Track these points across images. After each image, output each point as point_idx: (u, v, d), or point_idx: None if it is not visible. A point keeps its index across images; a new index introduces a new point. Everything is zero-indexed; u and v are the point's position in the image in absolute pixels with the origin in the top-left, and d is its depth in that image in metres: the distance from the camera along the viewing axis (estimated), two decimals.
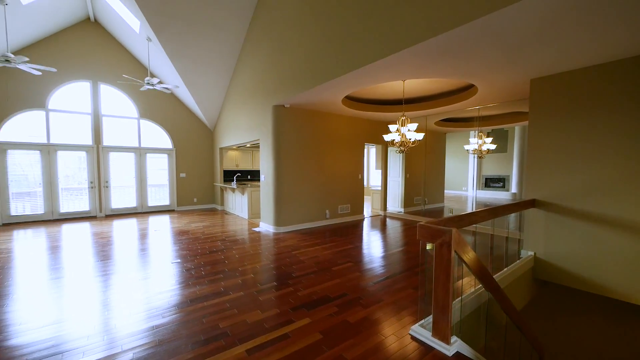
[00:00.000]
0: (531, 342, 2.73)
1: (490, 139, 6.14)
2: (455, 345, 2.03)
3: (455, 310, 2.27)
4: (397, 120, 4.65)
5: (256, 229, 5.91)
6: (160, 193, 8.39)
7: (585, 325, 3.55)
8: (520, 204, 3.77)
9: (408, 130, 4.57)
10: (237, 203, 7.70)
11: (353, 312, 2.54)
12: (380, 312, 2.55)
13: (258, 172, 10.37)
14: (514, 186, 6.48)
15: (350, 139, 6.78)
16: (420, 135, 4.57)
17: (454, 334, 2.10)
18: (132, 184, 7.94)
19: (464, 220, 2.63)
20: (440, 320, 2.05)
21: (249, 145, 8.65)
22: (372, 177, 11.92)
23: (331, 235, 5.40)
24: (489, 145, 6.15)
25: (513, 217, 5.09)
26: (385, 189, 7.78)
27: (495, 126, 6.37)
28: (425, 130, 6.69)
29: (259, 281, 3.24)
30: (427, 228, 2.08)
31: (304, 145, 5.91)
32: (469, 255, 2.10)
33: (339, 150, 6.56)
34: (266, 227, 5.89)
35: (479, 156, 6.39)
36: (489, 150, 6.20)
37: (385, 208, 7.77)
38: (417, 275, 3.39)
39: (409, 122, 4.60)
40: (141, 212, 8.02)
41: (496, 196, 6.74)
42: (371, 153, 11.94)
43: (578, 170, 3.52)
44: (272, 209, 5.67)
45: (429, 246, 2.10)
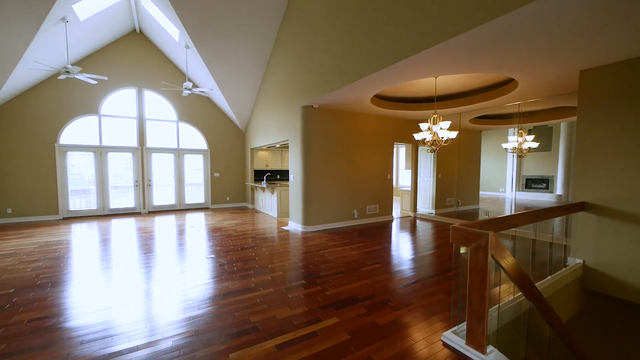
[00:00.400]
0: (578, 358, 2.50)
1: (531, 137, 5.71)
2: (492, 356, 1.92)
3: (491, 318, 2.15)
4: (429, 119, 4.49)
5: (285, 228, 6.03)
6: (196, 191, 8.88)
7: None
8: (567, 207, 3.46)
9: (440, 129, 4.40)
10: (267, 202, 7.91)
11: (382, 314, 2.51)
12: (409, 316, 2.48)
13: (287, 172, 10.57)
14: (559, 187, 5.97)
15: (378, 138, 6.67)
16: (453, 134, 4.38)
17: (490, 344, 1.99)
18: (172, 183, 8.48)
19: (503, 223, 2.48)
20: (475, 327, 1.95)
21: (278, 146, 8.86)
22: (402, 177, 11.63)
23: (359, 235, 5.36)
24: (530, 143, 5.73)
25: (558, 221, 4.69)
26: (416, 190, 7.56)
27: (538, 123, 5.91)
28: (459, 128, 6.39)
29: (287, 279, 3.31)
30: (461, 231, 2.00)
31: (332, 145, 5.92)
32: (508, 261, 1.98)
33: (367, 150, 6.48)
34: (294, 226, 5.99)
35: (519, 155, 5.97)
36: (530, 149, 5.77)
37: (415, 209, 7.55)
38: (450, 280, 3.26)
39: (441, 120, 4.43)
40: (179, 209, 8.54)
41: (538, 198, 6.25)
42: (400, 153, 11.65)
43: (636, 169, 3.16)
44: (301, 208, 5.75)
45: (462, 250, 2.01)
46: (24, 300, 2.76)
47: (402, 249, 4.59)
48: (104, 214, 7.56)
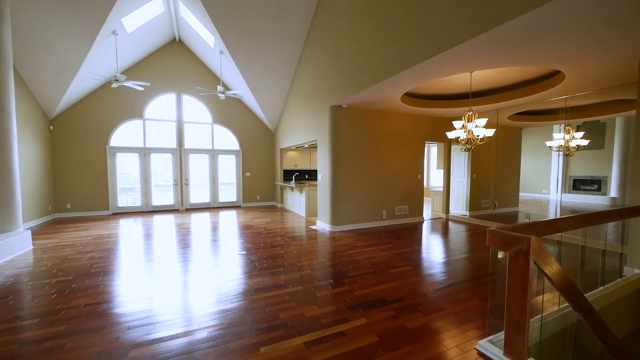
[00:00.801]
0: None
1: (581, 134, 5.22)
2: None
3: (533, 329, 2.01)
4: (463, 116, 4.29)
5: (313, 227, 6.09)
6: (228, 190, 9.27)
7: None
8: (624, 212, 3.12)
9: (475, 127, 4.18)
10: (296, 201, 8.04)
11: (411, 318, 2.44)
12: (441, 321, 2.40)
13: (315, 172, 10.65)
14: (613, 189, 5.40)
15: (409, 137, 6.50)
16: (490, 132, 4.15)
17: (532, 356, 1.86)
18: (206, 182, 8.94)
19: (547, 227, 2.30)
20: (515, 338, 1.83)
21: (307, 146, 8.96)
22: (433, 178, 11.20)
23: (388, 236, 5.26)
24: (579, 140, 5.24)
25: (612, 227, 4.24)
26: (448, 190, 7.25)
27: (588, 118, 5.39)
28: (497, 125, 6.02)
29: (315, 277, 3.34)
30: (500, 234, 1.88)
31: (360, 145, 5.87)
32: (553, 268, 1.83)
33: (397, 149, 6.34)
34: (322, 225, 6.03)
35: (566, 154, 5.48)
36: (579, 147, 5.28)
37: (447, 211, 7.24)
38: (485, 286, 3.09)
39: (476, 118, 4.21)
40: (213, 207, 8.97)
41: (588, 201, 5.70)
42: (432, 152, 11.23)
43: None
44: (329, 207, 5.78)
45: (500, 255, 1.89)
46: (81, 287, 3.07)
47: (434, 251, 4.43)
48: (147, 211, 8.17)
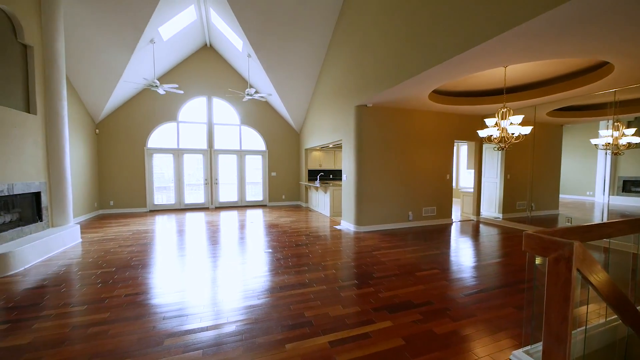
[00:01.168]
0: None
1: (632, 130, 4.74)
2: None
3: (576, 342, 1.86)
4: (496, 113, 4.08)
5: (337, 227, 6.09)
6: (255, 190, 9.54)
7: None
8: None
9: (510, 124, 3.96)
10: (320, 201, 8.09)
11: (440, 323, 2.37)
12: (471, 328, 2.30)
13: (340, 172, 10.63)
14: None
15: (437, 136, 6.28)
16: (526, 129, 3.91)
17: None
18: (234, 182, 9.26)
19: (592, 232, 2.12)
20: (554, 351, 1.71)
21: (331, 146, 8.98)
22: (463, 178, 10.73)
23: (414, 238, 5.13)
24: (630, 138, 4.76)
25: None
26: (479, 192, 6.91)
27: None
28: (534, 122, 5.64)
29: (340, 277, 3.34)
30: (537, 238, 1.77)
31: (386, 145, 5.78)
32: (599, 277, 1.69)
33: (424, 148, 6.16)
34: (347, 226, 6.01)
35: (614, 152, 5.01)
36: (630, 145, 4.80)
37: (478, 213, 6.91)
38: (520, 293, 2.91)
39: (511, 115, 3.98)
40: (240, 206, 9.27)
41: None
42: (462, 151, 10.76)
43: None
44: (353, 208, 5.74)
45: (538, 260, 1.78)
46: (122, 278, 3.32)
47: (463, 255, 4.25)
48: (180, 208, 8.63)
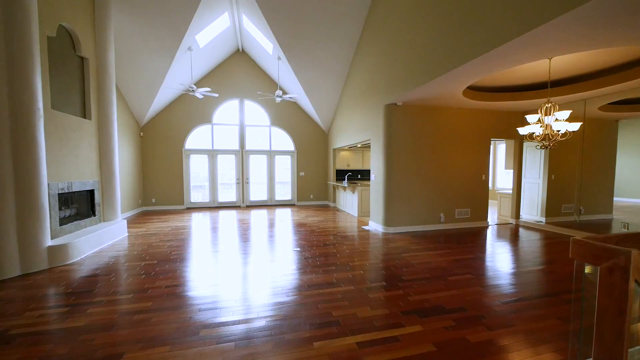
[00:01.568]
0: None
1: None
2: None
3: None
4: (539, 109, 3.79)
5: (365, 227, 6.03)
6: (284, 189, 9.75)
7: None
8: None
9: (555, 120, 3.66)
10: (348, 201, 8.06)
11: (474, 331, 2.26)
12: (509, 339, 2.16)
13: (368, 172, 10.51)
14: None
15: (472, 134, 5.98)
16: (574, 126, 3.59)
17: None
18: (264, 181, 9.54)
19: None
20: None
21: (359, 146, 8.91)
22: (500, 179, 10.10)
23: (446, 241, 4.93)
24: None
25: None
26: (519, 193, 6.46)
27: None
28: (583, 118, 5.16)
29: (368, 278, 3.31)
30: (588, 245, 1.62)
31: (416, 144, 5.61)
32: None
33: (458, 147, 5.89)
34: (375, 226, 5.92)
35: None
36: None
37: (517, 215, 6.46)
38: (566, 304, 2.68)
39: (556, 110, 3.68)
40: (270, 205, 9.53)
41: None
42: (499, 150, 10.13)
43: None
44: (382, 208, 5.65)
45: (588, 269, 1.63)
46: (163, 270, 3.57)
47: (500, 260, 4.00)
48: (214, 206, 9.07)
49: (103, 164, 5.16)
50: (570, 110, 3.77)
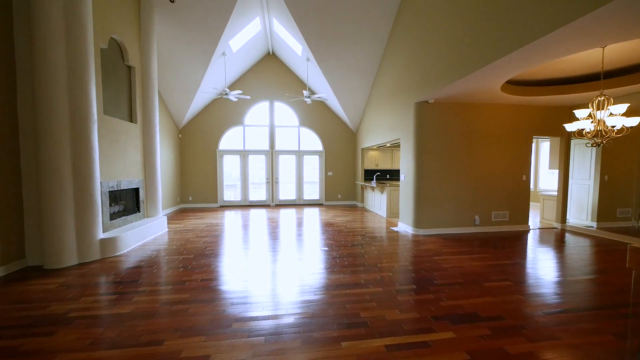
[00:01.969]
0: None
1: None
2: None
3: None
4: (590, 102, 3.46)
5: (394, 228, 5.90)
6: (312, 189, 9.85)
7: None
8: None
9: (609, 115, 3.31)
10: (376, 201, 7.94)
11: (513, 342, 2.12)
12: (554, 353, 2.00)
13: (397, 172, 10.28)
14: None
15: (511, 132, 5.60)
16: (632, 121, 3.23)
17: None
18: (293, 181, 9.71)
19: None
20: None
21: (388, 145, 8.74)
22: (543, 179, 9.35)
23: (482, 245, 4.67)
24: None
25: None
26: (565, 195, 5.94)
27: None
28: None
29: (397, 281, 3.24)
30: None
31: (449, 142, 5.38)
32: None
33: (495, 146, 5.56)
34: (404, 228, 5.78)
35: None
36: None
37: (563, 220, 5.94)
38: (623, 319, 2.42)
39: (611, 104, 3.33)
40: (298, 204, 9.68)
41: None
42: (542, 148, 9.38)
43: None
44: (412, 209, 5.49)
45: None
46: (199, 264, 3.78)
47: (543, 267, 3.71)
48: (245, 204, 9.41)
49: (147, 164, 5.58)
50: (628, 104, 3.39)
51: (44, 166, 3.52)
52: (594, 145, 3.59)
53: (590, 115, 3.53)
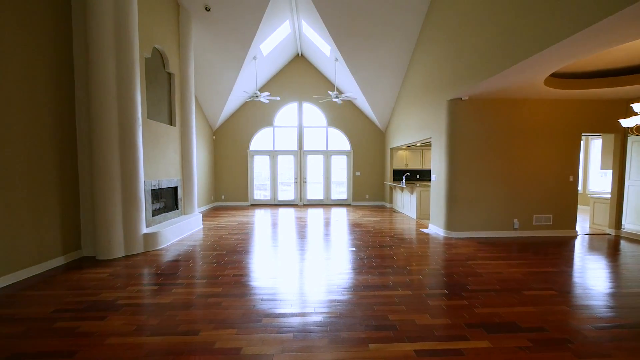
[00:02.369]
0: None
1: None
2: None
3: None
4: None
5: (425, 230, 5.72)
6: (339, 189, 9.84)
7: None
8: None
9: None
10: (406, 202, 7.74)
11: (556, 356, 1.97)
12: None
13: (427, 172, 9.94)
14: None
15: (556, 129, 5.18)
16: None
17: None
18: (320, 181, 9.78)
19: None
20: None
21: (418, 145, 8.47)
22: (593, 181, 8.50)
23: (521, 250, 4.37)
24: None
25: None
26: (620, 198, 5.36)
27: None
28: None
29: (427, 284, 3.15)
30: None
31: (484, 141, 5.10)
32: None
33: (537, 144, 5.17)
34: (435, 230, 5.57)
35: None
36: None
37: (618, 225, 5.37)
38: None
39: None
40: (326, 204, 9.72)
41: None
42: (592, 147, 8.53)
43: None
44: (444, 211, 5.28)
45: None
46: (231, 260, 3.95)
47: (593, 277, 3.39)
48: (274, 204, 9.65)
49: (184, 165, 5.93)
50: None
51: (97, 167, 3.89)
52: None
53: None
